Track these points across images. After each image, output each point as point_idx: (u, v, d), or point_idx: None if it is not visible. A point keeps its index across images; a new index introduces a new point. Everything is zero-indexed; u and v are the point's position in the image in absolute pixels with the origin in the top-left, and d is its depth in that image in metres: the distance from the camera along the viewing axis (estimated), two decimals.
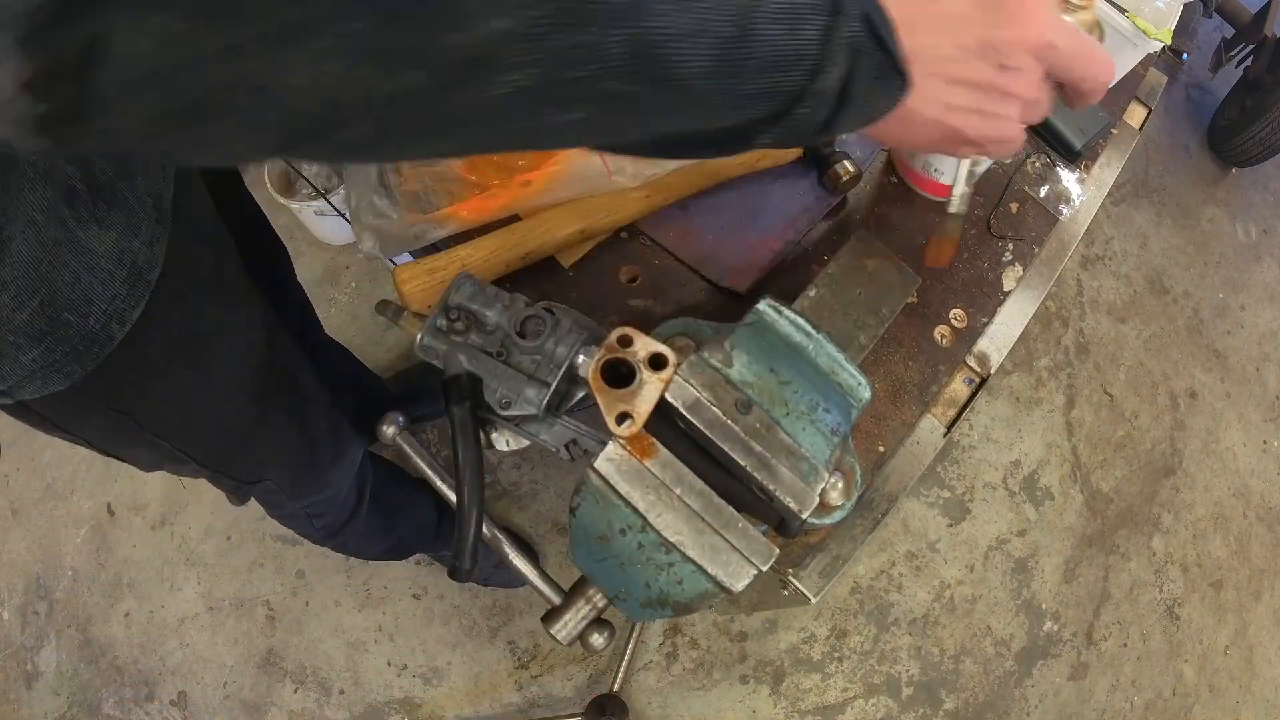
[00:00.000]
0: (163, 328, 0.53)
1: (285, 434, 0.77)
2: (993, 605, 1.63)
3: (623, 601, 0.46)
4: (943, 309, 0.72)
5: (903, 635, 1.58)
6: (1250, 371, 2.03)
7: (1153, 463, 1.85)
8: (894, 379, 0.68)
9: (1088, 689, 1.61)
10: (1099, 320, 1.97)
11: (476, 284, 0.48)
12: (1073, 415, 1.85)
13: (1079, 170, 0.84)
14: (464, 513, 0.45)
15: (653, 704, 1.45)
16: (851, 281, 0.58)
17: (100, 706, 1.35)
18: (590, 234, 0.66)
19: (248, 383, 0.67)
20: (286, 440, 0.78)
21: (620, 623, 0.57)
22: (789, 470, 0.42)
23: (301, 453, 0.82)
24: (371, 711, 1.39)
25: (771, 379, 0.44)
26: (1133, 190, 2.19)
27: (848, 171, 0.72)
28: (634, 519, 0.42)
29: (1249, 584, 1.79)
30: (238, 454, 0.74)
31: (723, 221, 0.71)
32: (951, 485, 1.72)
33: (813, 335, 0.49)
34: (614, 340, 0.43)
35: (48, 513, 1.46)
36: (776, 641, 1.53)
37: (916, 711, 1.53)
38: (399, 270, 0.60)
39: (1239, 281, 2.15)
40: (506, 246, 0.62)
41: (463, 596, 1.47)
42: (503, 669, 1.44)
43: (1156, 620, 1.70)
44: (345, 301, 1.68)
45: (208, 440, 0.68)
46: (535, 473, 1.58)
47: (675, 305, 0.67)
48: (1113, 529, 1.76)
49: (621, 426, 0.41)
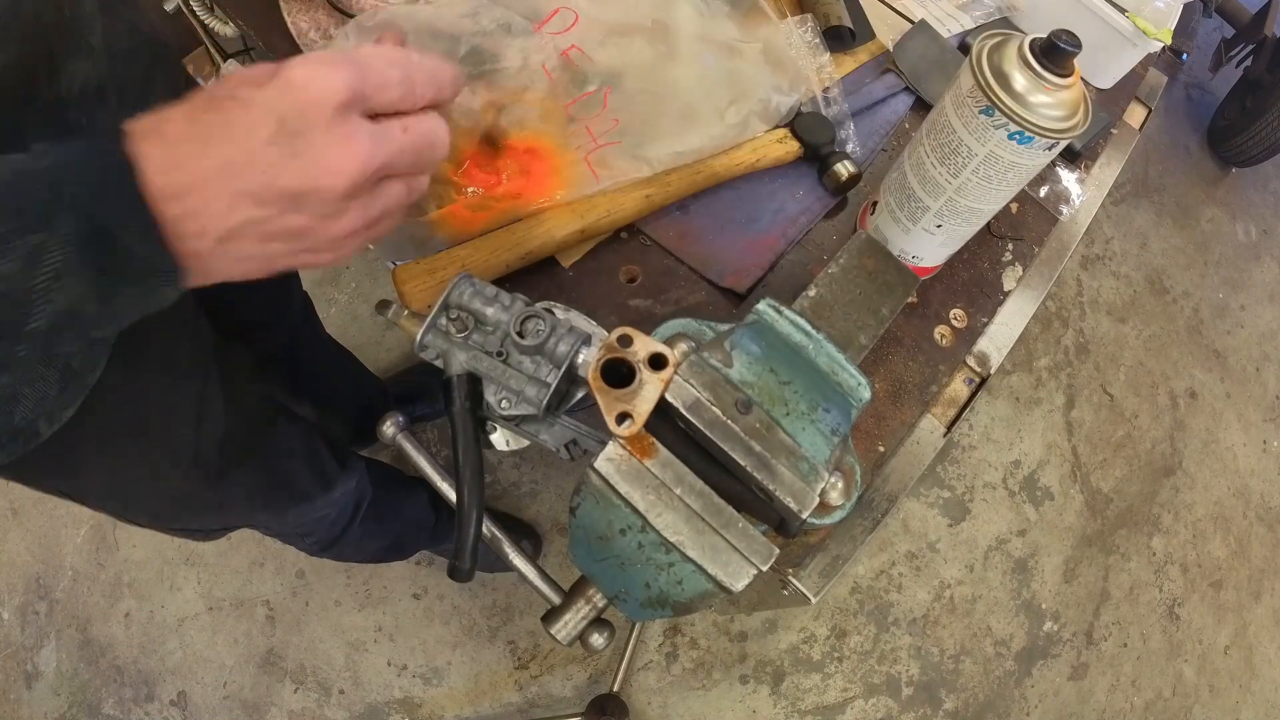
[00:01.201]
0: (98, 416, 0.50)
1: (249, 488, 0.73)
2: (993, 605, 1.63)
3: (623, 601, 0.46)
4: (943, 309, 0.72)
5: (903, 635, 1.57)
6: (1250, 371, 2.03)
7: (1153, 463, 1.85)
8: (894, 379, 0.68)
9: (1088, 689, 1.61)
10: (1099, 320, 1.97)
11: (476, 284, 0.48)
12: (1073, 415, 1.85)
13: (1079, 170, 0.84)
14: (464, 513, 0.45)
15: (653, 704, 1.45)
16: (851, 281, 0.58)
17: (100, 706, 1.35)
18: (590, 234, 0.66)
19: (194, 451, 0.63)
20: (254, 492, 0.75)
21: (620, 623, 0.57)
22: (789, 470, 0.42)
23: (276, 497, 0.79)
24: (371, 711, 1.39)
25: (771, 379, 0.44)
26: (1133, 190, 2.19)
27: (848, 171, 0.72)
28: (634, 519, 0.42)
29: (1249, 584, 1.79)
30: (188, 512, 0.71)
31: (723, 221, 0.71)
32: (951, 485, 1.72)
33: (813, 335, 0.49)
34: (614, 340, 0.43)
35: (48, 513, 1.46)
36: (776, 641, 1.53)
37: (916, 711, 1.53)
38: (399, 270, 0.60)
39: (1239, 281, 2.15)
40: (506, 246, 0.62)
41: (463, 596, 1.47)
42: (503, 669, 1.44)
43: (1156, 620, 1.70)
44: (345, 301, 1.68)
45: (152, 504, 0.66)
46: (535, 473, 1.57)
47: (675, 305, 0.67)
48: (1113, 529, 1.76)
49: (621, 426, 0.41)
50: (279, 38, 0.71)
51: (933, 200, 0.60)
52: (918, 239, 0.65)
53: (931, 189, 0.60)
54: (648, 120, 0.68)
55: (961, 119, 0.54)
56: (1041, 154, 0.53)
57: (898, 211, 0.64)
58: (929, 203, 0.61)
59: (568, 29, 0.67)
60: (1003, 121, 0.51)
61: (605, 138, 0.67)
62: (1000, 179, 0.56)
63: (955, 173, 0.57)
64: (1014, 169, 0.55)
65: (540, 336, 0.46)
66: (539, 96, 0.66)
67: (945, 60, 0.84)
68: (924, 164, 0.59)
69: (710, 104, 0.70)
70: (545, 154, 0.65)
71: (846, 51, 0.82)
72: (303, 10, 0.71)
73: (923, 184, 0.60)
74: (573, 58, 0.67)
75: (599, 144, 0.66)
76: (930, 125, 0.58)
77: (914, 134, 0.62)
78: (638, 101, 0.68)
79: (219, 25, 0.80)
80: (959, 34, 0.88)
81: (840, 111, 0.77)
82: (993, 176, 0.56)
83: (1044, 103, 0.51)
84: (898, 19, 0.88)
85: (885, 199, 0.66)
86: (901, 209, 0.64)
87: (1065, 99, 0.51)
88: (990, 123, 0.52)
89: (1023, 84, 0.51)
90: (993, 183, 0.56)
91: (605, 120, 0.67)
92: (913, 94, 0.82)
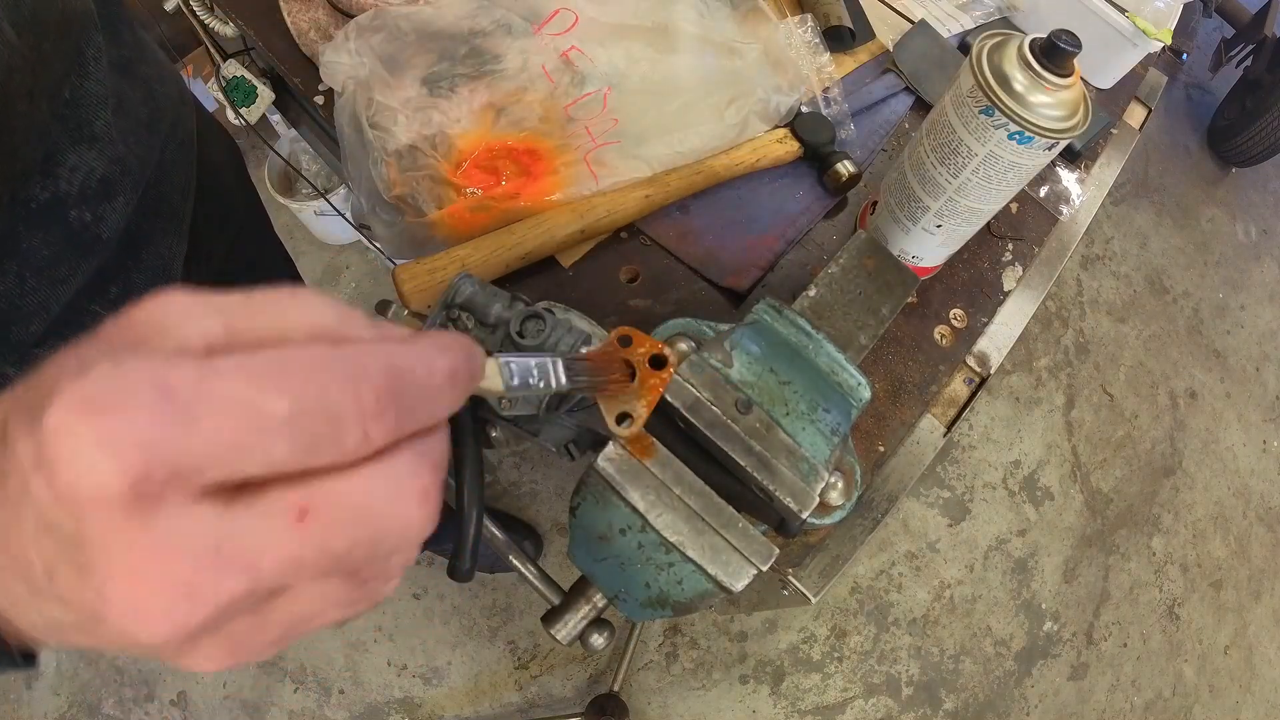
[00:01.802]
0: None
1: None
2: (993, 605, 1.63)
3: (623, 601, 0.46)
4: (943, 309, 0.72)
5: (903, 635, 1.57)
6: (1250, 371, 2.03)
7: (1153, 463, 1.85)
8: (894, 379, 0.68)
9: (1088, 689, 1.61)
10: (1099, 320, 1.97)
11: (476, 284, 0.48)
12: (1073, 415, 1.85)
13: (1079, 170, 0.84)
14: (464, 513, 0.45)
15: (653, 704, 1.45)
16: (851, 281, 0.58)
17: (100, 706, 1.35)
18: (590, 234, 0.66)
19: None
20: None
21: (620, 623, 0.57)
22: (789, 470, 0.42)
23: None
24: (371, 711, 1.39)
25: (771, 379, 0.44)
26: (1133, 190, 2.19)
27: (848, 171, 0.72)
28: (634, 519, 0.42)
29: (1249, 584, 1.79)
30: None
31: (723, 221, 0.71)
32: (951, 485, 1.72)
33: (813, 335, 0.49)
34: (614, 340, 0.43)
35: None
36: (776, 641, 1.53)
37: (916, 711, 1.53)
38: (399, 270, 0.60)
39: (1239, 281, 2.15)
40: (506, 246, 0.62)
41: (463, 596, 1.47)
42: (503, 669, 1.44)
43: (1156, 620, 1.70)
44: (345, 301, 1.68)
45: None
46: (535, 473, 1.58)
47: (675, 305, 0.67)
48: (1113, 529, 1.76)
49: (621, 426, 0.41)
50: (279, 38, 0.71)
51: (933, 200, 0.60)
52: (918, 239, 0.65)
53: (931, 189, 0.60)
54: (647, 121, 0.68)
55: (961, 119, 0.54)
56: (1041, 154, 0.53)
57: (898, 211, 0.64)
58: (929, 203, 0.61)
59: (567, 30, 0.67)
60: (1003, 121, 0.51)
61: (604, 138, 0.67)
62: (1000, 179, 0.56)
63: (955, 173, 0.57)
64: (1014, 169, 0.55)
65: (540, 336, 0.46)
66: (538, 97, 0.66)
67: (945, 60, 0.84)
68: (924, 164, 0.59)
69: (709, 104, 0.70)
70: (544, 154, 0.65)
71: (846, 51, 0.82)
72: (303, 10, 0.71)
73: (923, 184, 0.60)
74: (572, 59, 0.67)
75: (598, 144, 0.66)
76: (930, 125, 0.58)
77: (914, 134, 0.62)
78: (637, 102, 0.68)
79: (219, 25, 0.80)
80: (959, 34, 0.88)
81: (840, 111, 0.77)
82: (993, 176, 0.56)
83: (1044, 103, 0.51)
84: (898, 19, 0.88)
85: (885, 199, 0.66)
86: (901, 209, 0.64)
87: (1065, 99, 0.51)
88: (990, 123, 0.52)
89: (1023, 84, 0.51)
90: (993, 183, 0.56)
91: (605, 121, 0.67)
92: (913, 94, 0.82)
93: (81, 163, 0.40)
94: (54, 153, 0.38)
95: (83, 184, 0.40)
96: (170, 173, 0.51)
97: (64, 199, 0.39)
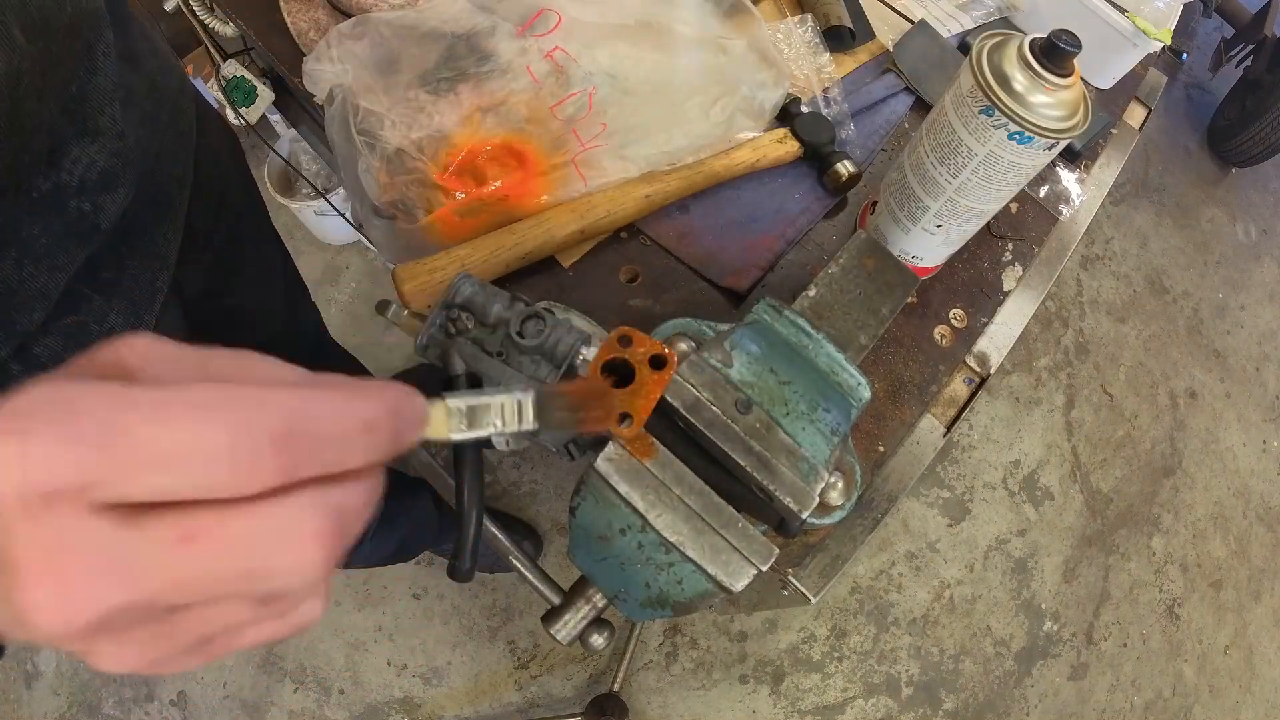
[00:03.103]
0: None
1: None
2: (992, 605, 1.63)
3: (623, 601, 0.46)
4: (943, 309, 0.72)
5: (902, 635, 1.58)
6: (1250, 371, 2.03)
7: (1153, 463, 1.85)
8: (894, 379, 0.68)
9: (1087, 689, 1.61)
10: (1099, 320, 1.97)
11: (476, 284, 0.48)
12: (1072, 415, 1.85)
13: (1079, 170, 0.84)
14: (464, 513, 0.45)
15: (653, 704, 1.45)
16: (851, 281, 0.58)
17: (100, 706, 1.35)
18: (590, 234, 0.66)
19: None
20: None
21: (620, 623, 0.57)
22: (789, 470, 0.42)
23: None
24: (371, 711, 1.39)
25: (771, 379, 0.44)
26: (1133, 190, 2.19)
27: (848, 171, 0.72)
28: (634, 519, 0.42)
29: (1249, 584, 1.79)
30: None
31: (723, 221, 0.71)
32: (951, 485, 1.72)
33: (813, 335, 0.49)
34: (614, 340, 0.43)
35: None
36: (776, 641, 1.53)
37: (916, 711, 1.53)
38: (399, 270, 0.60)
39: (1239, 281, 2.15)
40: (506, 246, 0.62)
41: (463, 596, 1.47)
42: (503, 669, 1.44)
43: (1156, 620, 1.70)
44: (345, 301, 1.68)
45: None
46: (535, 473, 1.58)
47: (675, 305, 0.67)
48: (1112, 529, 1.76)
49: (621, 426, 0.41)
50: (279, 38, 0.71)
51: (933, 200, 0.60)
52: (918, 239, 0.65)
53: (931, 189, 0.60)
54: (633, 120, 0.68)
55: (961, 119, 0.54)
56: (1041, 154, 0.53)
57: (898, 211, 0.64)
58: (929, 203, 0.61)
59: (551, 30, 0.67)
60: (1003, 121, 0.51)
61: (591, 139, 0.67)
62: (1000, 179, 0.56)
63: (955, 173, 0.57)
64: (1014, 169, 0.55)
65: (540, 336, 0.46)
66: (524, 99, 0.65)
67: (945, 60, 0.84)
68: (924, 164, 0.59)
69: (695, 102, 0.70)
70: (531, 156, 0.65)
71: (846, 51, 0.82)
72: (303, 10, 0.71)
73: (922, 184, 0.60)
74: (557, 59, 0.67)
75: (585, 145, 0.66)
76: (930, 125, 0.58)
77: (914, 134, 0.62)
78: (623, 102, 0.68)
79: (219, 25, 0.80)
80: (959, 34, 0.88)
81: (840, 111, 0.77)
82: (993, 176, 0.56)
83: (1044, 103, 0.51)
84: (898, 19, 0.88)
85: (885, 199, 0.66)
86: (901, 209, 0.64)
87: (1065, 99, 0.51)
88: (990, 123, 0.52)
89: (1023, 84, 0.51)
90: (993, 183, 0.56)
91: (591, 121, 0.67)
92: (913, 94, 0.82)
93: (84, 155, 0.40)
94: (59, 145, 0.38)
95: (84, 175, 0.40)
96: (167, 162, 0.51)
97: (65, 189, 0.39)
